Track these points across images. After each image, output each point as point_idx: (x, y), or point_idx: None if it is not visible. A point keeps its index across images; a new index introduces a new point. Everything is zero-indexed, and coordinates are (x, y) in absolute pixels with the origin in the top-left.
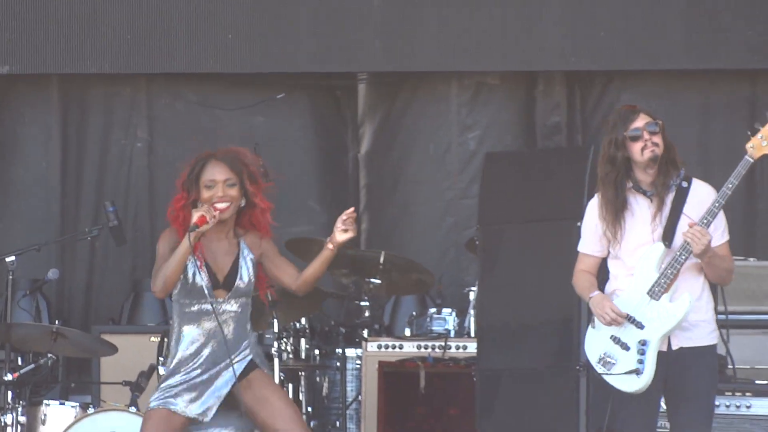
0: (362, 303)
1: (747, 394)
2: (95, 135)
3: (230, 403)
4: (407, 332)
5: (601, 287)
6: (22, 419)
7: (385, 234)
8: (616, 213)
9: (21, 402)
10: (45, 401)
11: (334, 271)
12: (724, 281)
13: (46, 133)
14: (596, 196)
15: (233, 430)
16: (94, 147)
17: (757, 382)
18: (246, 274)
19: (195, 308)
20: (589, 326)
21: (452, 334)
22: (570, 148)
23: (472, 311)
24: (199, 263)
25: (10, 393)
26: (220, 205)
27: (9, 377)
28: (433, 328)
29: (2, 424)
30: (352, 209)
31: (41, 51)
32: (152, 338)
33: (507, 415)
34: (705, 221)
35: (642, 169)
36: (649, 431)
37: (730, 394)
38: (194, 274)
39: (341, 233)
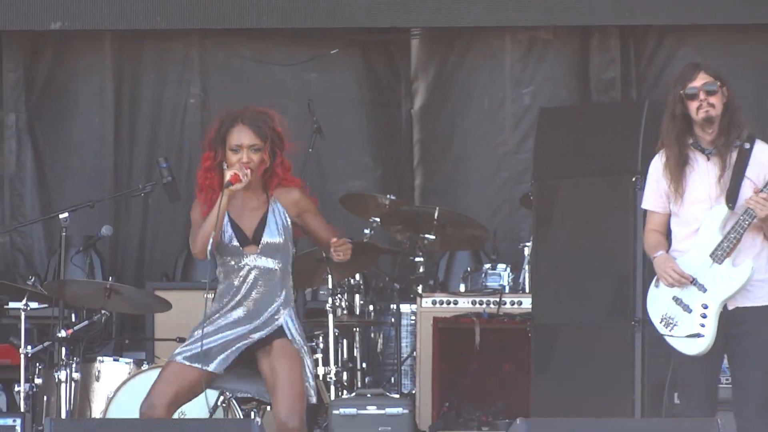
0: (417, 259)
1: None
2: (148, 91)
3: (254, 364)
4: (462, 288)
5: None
6: (76, 376)
7: (439, 189)
8: (676, 168)
9: (75, 358)
10: (99, 358)
11: (388, 227)
12: None
13: (99, 90)
14: (660, 153)
15: (251, 392)
16: (148, 103)
17: None
18: (276, 230)
19: (227, 265)
20: (652, 285)
21: (507, 289)
22: (624, 103)
23: (527, 266)
24: (223, 226)
25: (64, 349)
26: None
27: (63, 334)
28: (488, 283)
29: (56, 380)
30: (334, 240)
31: (94, 7)
32: (206, 294)
33: (562, 371)
34: None
35: (700, 127)
36: (709, 389)
37: None
38: (223, 232)
39: (336, 256)
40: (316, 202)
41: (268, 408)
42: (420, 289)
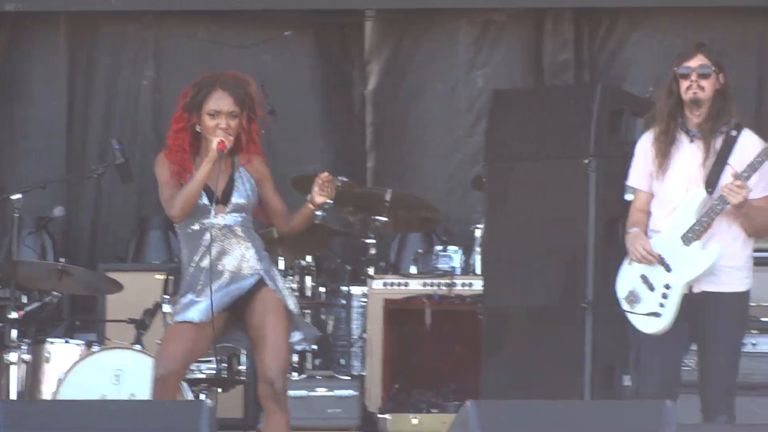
0: (368, 240)
1: (752, 331)
2: (102, 73)
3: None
4: (413, 270)
5: None
6: (27, 357)
7: (392, 171)
8: (662, 148)
9: (26, 340)
10: (49, 339)
11: (340, 208)
12: (760, 235)
13: (53, 71)
14: (649, 131)
15: (240, 344)
16: (101, 85)
17: (761, 319)
18: (243, 190)
19: (196, 226)
20: (625, 262)
21: (458, 271)
22: (578, 85)
23: (478, 249)
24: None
25: (15, 331)
26: (222, 140)
27: (14, 315)
28: (439, 265)
29: (6, 362)
30: (326, 174)
31: None
32: (157, 276)
33: (513, 353)
34: (745, 174)
35: (688, 107)
36: (669, 371)
37: None
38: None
39: (319, 196)
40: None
41: (219, 390)
42: (371, 270)
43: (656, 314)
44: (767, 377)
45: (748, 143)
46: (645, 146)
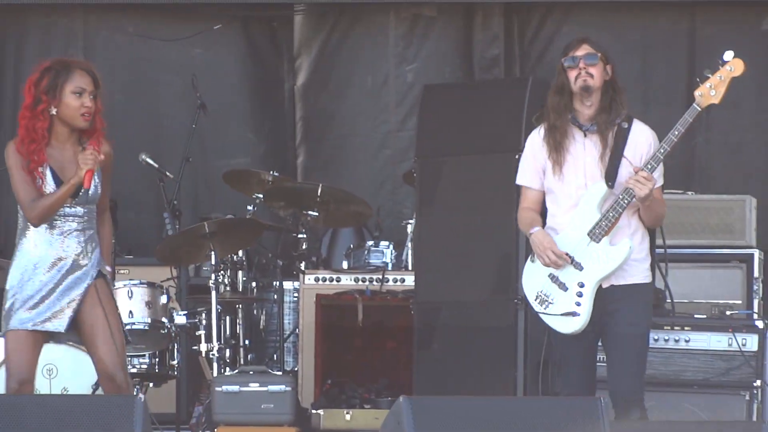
0: (300, 235)
1: (686, 328)
2: (32, 65)
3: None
4: (345, 265)
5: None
6: None
7: (322, 166)
8: (557, 143)
9: None
10: None
11: (271, 203)
12: (656, 225)
13: None
14: (538, 128)
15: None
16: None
17: (695, 316)
18: (97, 179)
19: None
20: (528, 260)
21: (390, 267)
22: (508, 80)
23: (409, 244)
24: (42, 177)
25: None
26: (86, 116)
27: None
28: (371, 260)
29: None
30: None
31: None
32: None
33: (445, 349)
34: (649, 166)
35: (579, 100)
36: (586, 369)
37: (668, 328)
38: (41, 186)
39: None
40: None
41: (151, 384)
42: (303, 266)
43: (573, 313)
44: (699, 374)
45: (640, 134)
46: (535, 143)
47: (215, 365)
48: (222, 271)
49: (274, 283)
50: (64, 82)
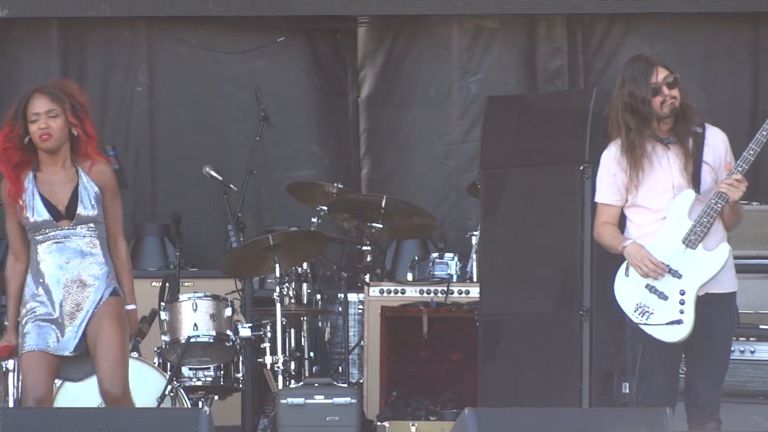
0: (364, 247)
1: (751, 339)
2: (95, 79)
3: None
4: (409, 277)
5: None
6: None
7: (386, 178)
8: (636, 161)
9: None
10: None
11: (336, 215)
12: (734, 228)
13: (45, 78)
14: (612, 145)
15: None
16: (94, 91)
17: (760, 327)
18: (88, 200)
19: (41, 238)
20: (620, 273)
21: (455, 278)
22: (572, 91)
23: (474, 255)
24: (32, 203)
25: None
26: (44, 137)
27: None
28: (436, 272)
29: (4, 369)
30: None
31: None
32: (154, 283)
33: (510, 360)
34: (740, 169)
35: (661, 119)
36: (672, 379)
37: (734, 339)
38: (33, 215)
39: None
40: None
41: (216, 397)
42: (367, 278)
43: (679, 321)
44: (765, 385)
45: (715, 138)
46: (613, 160)
47: (280, 378)
48: (287, 284)
49: (339, 295)
50: (25, 110)
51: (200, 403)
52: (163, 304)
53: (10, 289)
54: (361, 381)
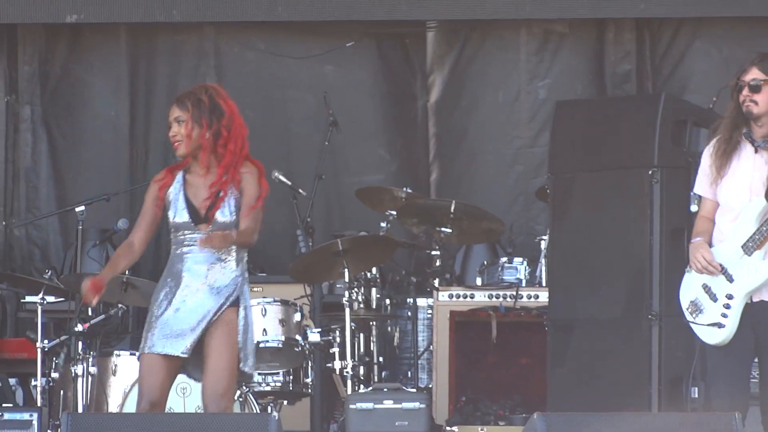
0: (433, 252)
1: None
2: (163, 83)
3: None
4: (478, 281)
5: None
6: (93, 370)
7: (455, 183)
8: (726, 155)
9: (92, 352)
10: (116, 352)
11: (405, 220)
12: None
13: (114, 83)
14: (715, 139)
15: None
16: (163, 95)
17: None
18: (228, 208)
19: (179, 240)
20: (686, 271)
21: (524, 283)
22: (641, 96)
23: (543, 260)
24: (176, 203)
25: (80, 344)
26: (175, 145)
27: (80, 328)
28: (505, 277)
29: (73, 374)
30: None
31: (110, 0)
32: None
33: (579, 365)
34: None
35: (753, 119)
36: (736, 381)
37: None
38: (175, 215)
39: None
40: (266, 188)
41: (285, 402)
42: (436, 282)
43: (719, 325)
44: None
45: None
46: (707, 154)
47: (349, 382)
48: (356, 289)
49: (408, 300)
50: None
51: (269, 408)
52: None
53: (112, 258)
54: (430, 386)
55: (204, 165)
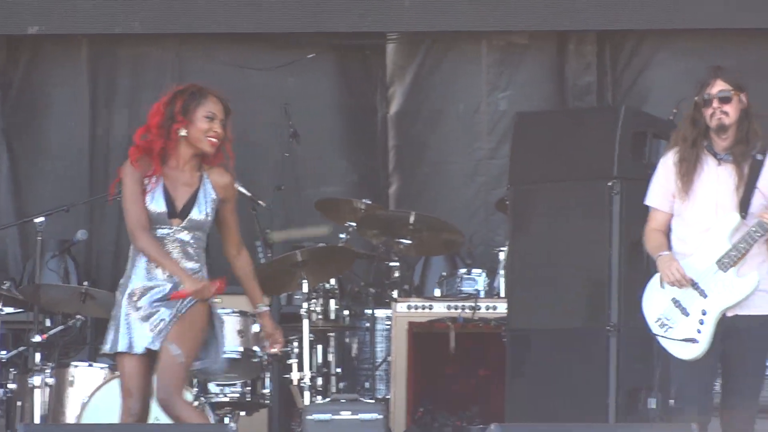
0: (392, 263)
1: None
2: (124, 95)
3: None
4: (437, 293)
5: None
6: (51, 381)
7: (415, 194)
8: (688, 171)
9: (49, 363)
10: (73, 363)
11: (364, 231)
12: None
13: (75, 94)
14: (670, 151)
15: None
16: (123, 107)
17: None
18: (204, 207)
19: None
20: (651, 283)
21: (482, 294)
22: (601, 108)
23: (502, 271)
24: (154, 192)
25: (38, 354)
26: (213, 140)
27: (38, 339)
28: (463, 288)
29: (30, 385)
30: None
31: (71, 11)
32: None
33: (537, 376)
34: None
35: (716, 133)
36: (705, 394)
37: None
38: (153, 204)
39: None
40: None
41: (243, 413)
42: (395, 293)
43: (693, 340)
44: None
45: None
46: (667, 166)
47: (307, 394)
48: (314, 300)
49: (367, 311)
50: (197, 106)
51: (226, 419)
52: None
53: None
54: (388, 397)
55: (189, 161)
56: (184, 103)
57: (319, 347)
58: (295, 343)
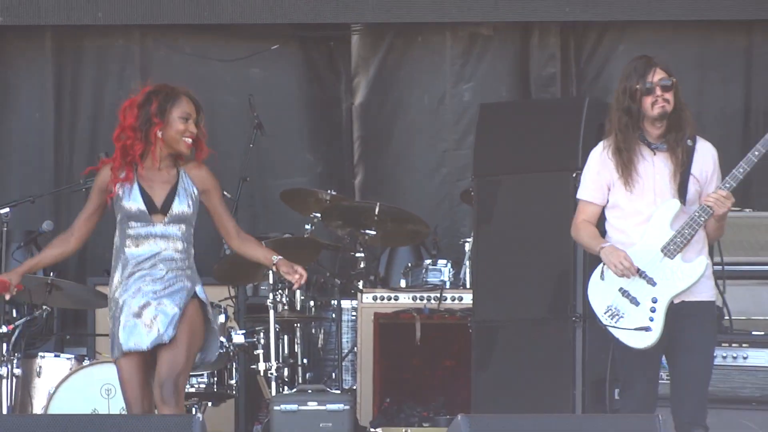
0: (357, 254)
1: (743, 345)
2: (89, 86)
3: None
4: (403, 283)
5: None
6: (17, 371)
7: (380, 185)
8: (620, 161)
9: (16, 354)
10: (40, 353)
11: (329, 222)
12: (717, 239)
13: (39, 85)
14: (601, 143)
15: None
16: (88, 98)
17: (753, 333)
18: (185, 199)
19: (133, 231)
20: (595, 275)
21: (448, 285)
22: (565, 99)
23: (467, 262)
24: (128, 191)
25: (5, 345)
26: (189, 141)
27: (4, 329)
28: (429, 279)
29: None
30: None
31: (35, 1)
32: None
33: (503, 367)
34: (728, 185)
35: (651, 122)
36: (651, 385)
37: (726, 345)
38: (130, 202)
39: (287, 275)
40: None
41: (209, 404)
42: (361, 284)
43: (647, 328)
44: (757, 391)
45: (705, 152)
46: (600, 160)
47: (273, 384)
48: (280, 291)
49: (332, 302)
50: (172, 107)
51: (193, 410)
52: None
53: (44, 250)
54: (355, 387)
55: (163, 159)
56: (159, 105)
57: (286, 338)
58: (262, 334)
